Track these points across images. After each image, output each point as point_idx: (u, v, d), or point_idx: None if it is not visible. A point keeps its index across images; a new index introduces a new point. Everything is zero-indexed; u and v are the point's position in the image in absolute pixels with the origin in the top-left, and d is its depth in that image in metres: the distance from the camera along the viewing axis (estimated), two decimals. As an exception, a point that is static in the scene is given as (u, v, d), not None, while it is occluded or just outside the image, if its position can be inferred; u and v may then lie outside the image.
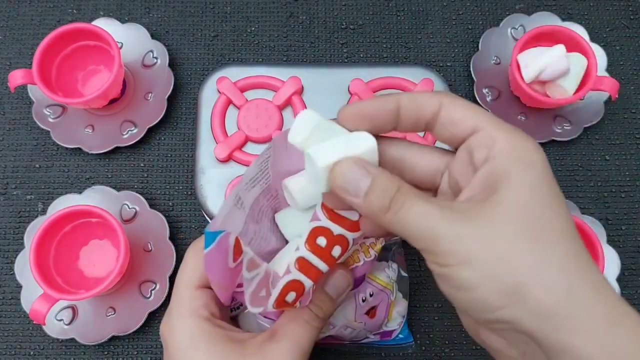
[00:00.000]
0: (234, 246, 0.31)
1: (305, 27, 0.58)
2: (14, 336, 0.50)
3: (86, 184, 0.54)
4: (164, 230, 0.51)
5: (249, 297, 0.31)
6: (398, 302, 0.44)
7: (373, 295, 0.41)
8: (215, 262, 0.31)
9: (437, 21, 0.59)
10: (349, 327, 0.41)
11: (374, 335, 0.44)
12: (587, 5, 0.59)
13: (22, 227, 0.52)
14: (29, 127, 0.55)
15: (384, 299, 0.41)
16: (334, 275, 0.35)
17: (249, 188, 0.35)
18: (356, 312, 0.40)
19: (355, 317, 0.41)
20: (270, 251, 0.38)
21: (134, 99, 0.55)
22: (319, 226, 0.32)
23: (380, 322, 0.42)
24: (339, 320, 0.40)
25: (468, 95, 0.56)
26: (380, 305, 0.41)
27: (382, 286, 0.41)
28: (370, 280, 0.41)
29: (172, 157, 0.55)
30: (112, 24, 0.56)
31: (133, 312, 0.49)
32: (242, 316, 0.40)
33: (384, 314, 0.42)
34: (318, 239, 0.32)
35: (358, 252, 0.37)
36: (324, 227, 0.32)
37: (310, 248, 0.32)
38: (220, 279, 0.33)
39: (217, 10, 0.59)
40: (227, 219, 0.33)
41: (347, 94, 0.51)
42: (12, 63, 0.57)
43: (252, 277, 0.31)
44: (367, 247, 0.37)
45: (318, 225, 0.32)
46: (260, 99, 0.51)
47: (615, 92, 0.51)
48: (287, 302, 0.32)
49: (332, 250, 0.33)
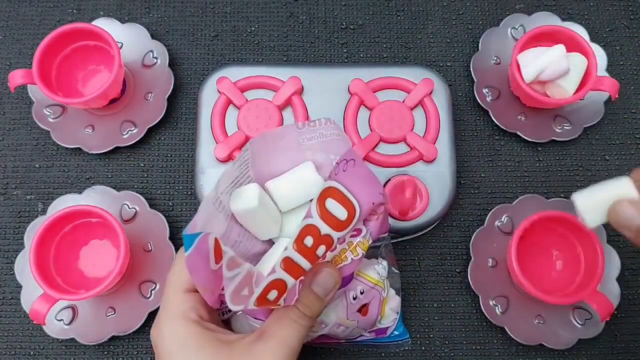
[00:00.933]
0: (214, 248, 0.32)
1: (305, 27, 0.58)
2: (14, 336, 0.50)
3: (86, 184, 0.54)
4: (164, 230, 0.51)
5: (230, 295, 0.31)
6: (391, 298, 0.44)
7: (364, 293, 0.41)
8: (198, 265, 0.32)
9: (437, 21, 0.59)
10: (342, 325, 0.41)
11: (369, 333, 0.44)
12: (587, 5, 0.59)
13: (22, 227, 0.52)
14: (29, 127, 0.55)
15: (375, 296, 0.42)
16: (321, 274, 0.35)
17: (230, 191, 0.36)
18: (347, 310, 0.41)
19: (347, 315, 0.41)
20: (256, 253, 0.38)
21: (134, 99, 0.55)
22: (310, 224, 0.33)
23: (373, 319, 0.42)
24: (331, 319, 0.40)
25: (468, 95, 0.56)
26: (372, 302, 0.42)
27: (372, 283, 0.41)
28: (360, 278, 0.41)
29: (172, 157, 0.55)
30: (112, 24, 0.56)
31: (133, 312, 0.49)
32: (235, 319, 0.40)
33: (377, 310, 0.42)
34: (306, 238, 0.33)
35: (346, 251, 0.37)
36: (314, 226, 0.33)
37: (298, 248, 0.33)
38: (205, 281, 0.33)
39: (217, 10, 0.59)
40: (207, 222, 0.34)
41: (347, 93, 0.51)
42: (12, 63, 0.57)
43: (233, 275, 0.32)
44: (354, 245, 0.37)
45: (309, 223, 0.33)
46: (260, 99, 0.51)
47: (615, 92, 0.51)
48: (268, 300, 0.33)
49: (317, 250, 0.34)
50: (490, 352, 0.50)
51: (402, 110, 0.51)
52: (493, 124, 0.55)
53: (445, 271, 0.52)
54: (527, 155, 0.55)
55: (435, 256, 0.52)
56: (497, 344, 0.50)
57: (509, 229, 0.51)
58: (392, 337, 0.45)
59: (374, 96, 0.51)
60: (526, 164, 0.55)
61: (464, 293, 0.51)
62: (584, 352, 0.50)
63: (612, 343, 0.50)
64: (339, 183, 0.35)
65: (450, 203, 0.50)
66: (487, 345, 0.50)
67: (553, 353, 0.49)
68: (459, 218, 0.53)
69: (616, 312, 0.49)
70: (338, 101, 0.51)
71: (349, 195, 0.35)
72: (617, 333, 0.50)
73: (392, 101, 0.51)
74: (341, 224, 0.34)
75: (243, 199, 0.35)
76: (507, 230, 0.51)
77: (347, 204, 0.35)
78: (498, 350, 0.50)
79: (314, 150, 0.38)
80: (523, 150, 0.55)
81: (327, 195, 0.34)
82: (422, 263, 0.52)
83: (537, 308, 0.49)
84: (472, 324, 0.51)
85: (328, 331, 0.41)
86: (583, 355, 0.50)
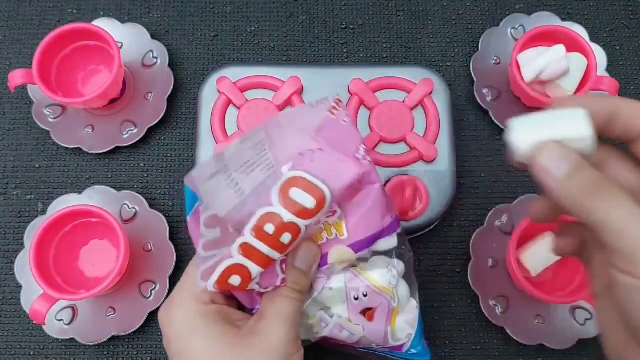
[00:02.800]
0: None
1: (305, 27, 0.58)
2: (14, 336, 0.50)
3: (86, 184, 0.54)
4: (164, 230, 0.51)
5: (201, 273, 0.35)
6: (406, 309, 0.42)
7: (367, 296, 0.39)
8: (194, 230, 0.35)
9: (437, 21, 0.59)
10: (345, 328, 0.40)
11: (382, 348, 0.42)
12: (587, 5, 0.59)
13: (22, 227, 0.52)
14: (29, 127, 0.55)
15: (382, 303, 0.39)
16: (300, 249, 0.36)
17: (248, 172, 0.36)
18: (349, 308, 0.39)
19: (349, 315, 0.39)
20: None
21: (134, 99, 0.55)
22: (269, 212, 0.34)
23: (382, 329, 0.40)
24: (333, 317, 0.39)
25: (468, 95, 0.56)
26: (378, 309, 0.40)
27: (378, 289, 0.39)
28: (362, 278, 0.39)
29: (172, 157, 0.55)
30: (112, 24, 0.56)
31: (133, 312, 0.49)
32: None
33: (385, 320, 0.40)
34: (266, 226, 0.34)
35: (322, 232, 0.37)
36: (274, 214, 0.34)
37: (256, 234, 0.34)
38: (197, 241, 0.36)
39: (217, 10, 0.59)
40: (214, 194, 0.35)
41: (347, 94, 0.51)
42: (12, 63, 0.57)
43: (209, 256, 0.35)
44: (329, 225, 0.37)
45: (268, 212, 0.34)
46: (260, 99, 0.51)
47: (615, 92, 0.51)
48: (231, 285, 0.35)
49: (281, 237, 0.34)
50: (490, 352, 0.50)
51: (402, 110, 0.51)
52: (493, 124, 0.55)
53: (445, 271, 0.52)
54: (527, 155, 0.55)
55: (435, 256, 0.52)
56: (497, 344, 0.50)
57: (509, 229, 0.51)
58: (409, 354, 0.42)
59: (374, 96, 0.51)
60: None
61: (464, 293, 0.51)
62: (584, 352, 0.50)
63: (612, 343, 0.50)
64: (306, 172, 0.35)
65: (450, 203, 0.50)
66: (487, 345, 0.50)
67: (553, 353, 0.49)
68: (459, 218, 0.53)
69: (616, 312, 0.49)
70: (338, 101, 0.51)
71: (317, 182, 0.35)
72: (617, 333, 0.50)
73: (392, 101, 0.51)
74: (309, 212, 0.35)
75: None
76: (507, 230, 0.51)
77: (313, 191, 0.35)
78: (498, 350, 0.50)
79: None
80: (523, 150, 0.55)
81: (292, 185, 0.35)
82: (422, 263, 0.52)
83: (537, 308, 0.49)
84: (472, 324, 0.51)
85: (330, 332, 0.40)
86: (583, 355, 0.50)
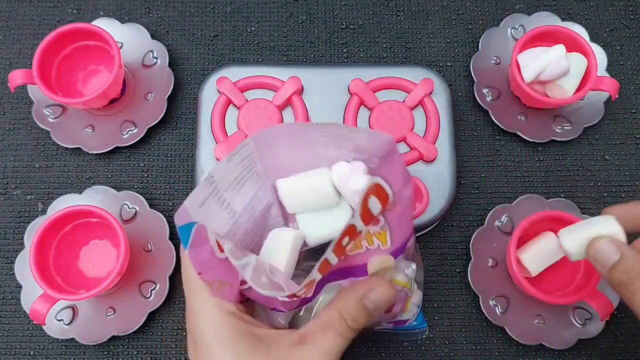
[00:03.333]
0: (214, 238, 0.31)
1: (305, 27, 0.58)
2: (14, 336, 0.50)
3: (86, 184, 0.54)
4: (164, 230, 0.51)
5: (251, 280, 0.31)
6: (415, 293, 0.43)
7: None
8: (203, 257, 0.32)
9: (437, 21, 0.59)
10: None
11: (387, 323, 0.43)
12: (587, 5, 0.59)
13: (22, 227, 0.52)
14: (29, 127, 0.55)
15: (402, 298, 0.40)
16: (376, 290, 0.35)
17: (237, 189, 0.36)
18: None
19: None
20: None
21: (134, 99, 0.55)
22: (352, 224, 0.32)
23: (395, 314, 0.42)
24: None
25: (468, 95, 0.56)
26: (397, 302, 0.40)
27: (400, 287, 0.40)
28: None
29: (172, 157, 0.55)
30: (112, 24, 0.56)
31: (133, 312, 0.49)
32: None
33: (400, 308, 0.41)
34: (344, 239, 0.32)
35: (362, 240, 0.36)
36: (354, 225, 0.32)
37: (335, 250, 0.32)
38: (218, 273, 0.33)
39: (217, 10, 0.59)
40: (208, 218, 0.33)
41: (347, 94, 0.51)
42: (12, 63, 0.57)
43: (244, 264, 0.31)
44: (370, 235, 0.36)
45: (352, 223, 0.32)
46: (260, 99, 0.51)
47: (615, 92, 0.51)
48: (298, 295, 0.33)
49: (343, 240, 0.33)
50: (490, 352, 0.50)
51: (402, 110, 0.51)
52: (493, 124, 0.55)
53: (445, 271, 0.52)
54: (527, 155, 0.55)
55: (435, 256, 0.53)
56: (497, 344, 0.50)
57: (509, 229, 0.51)
58: (409, 327, 0.44)
59: (374, 96, 0.51)
60: (526, 164, 0.55)
61: (464, 293, 0.51)
62: (584, 352, 0.50)
63: (612, 343, 0.50)
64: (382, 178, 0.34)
65: (450, 203, 0.50)
66: (487, 345, 0.50)
67: (553, 353, 0.49)
68: (459, 218, 0.53)
69: (616, 312, 0.49)
70: (338, 101, 0.51)
71: (389, 190, 0.34)
72: (617, 333, 0.50)
73: (392, 101, 0.51)
74: (373, 219, 0.33)
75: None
76: (507, 230, 0.51)
77: (384, 199, 0.33)
78: (498, 350, 0.50)
79: (325, 145, 0.37)
80: (523, 150, 0.55)
81: (371, 193, 0.32)
82: (422, 263, 0.52)
83: (537, 308, 0.49)
84: (472, 324, 0.51)
85: None
86: (583, 355, 0.50)
